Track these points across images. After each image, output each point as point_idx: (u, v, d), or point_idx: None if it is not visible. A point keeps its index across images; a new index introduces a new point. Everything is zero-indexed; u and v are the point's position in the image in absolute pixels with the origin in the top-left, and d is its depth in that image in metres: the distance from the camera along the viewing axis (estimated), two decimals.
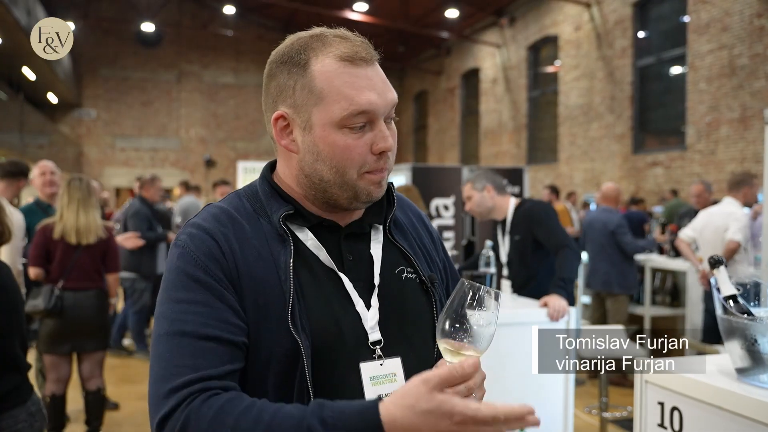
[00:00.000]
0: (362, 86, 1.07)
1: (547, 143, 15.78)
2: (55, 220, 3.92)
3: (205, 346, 0.99)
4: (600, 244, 5.79)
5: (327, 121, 1.07)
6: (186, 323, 1.01)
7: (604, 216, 5.80)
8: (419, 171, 6.86)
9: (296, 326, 1.04)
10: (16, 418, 2.30)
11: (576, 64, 14.27)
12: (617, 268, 5.67)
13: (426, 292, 1.20)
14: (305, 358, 1.03)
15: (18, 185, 4.19)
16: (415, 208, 1.35)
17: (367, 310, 1.13)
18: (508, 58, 17.12)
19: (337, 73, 1.07)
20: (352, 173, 1.09)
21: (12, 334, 2.35)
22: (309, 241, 1.13)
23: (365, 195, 1.11)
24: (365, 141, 1.08)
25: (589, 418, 4.77)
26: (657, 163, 11.89)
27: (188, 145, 22.43)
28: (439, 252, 1.33)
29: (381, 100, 1.08)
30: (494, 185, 3.73)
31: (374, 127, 1.09)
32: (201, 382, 0.96)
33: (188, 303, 1.03)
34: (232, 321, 1.02)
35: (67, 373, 4.03)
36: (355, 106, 1.06)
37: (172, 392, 0.96)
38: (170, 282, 1.06)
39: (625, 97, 12.73)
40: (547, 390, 3.14)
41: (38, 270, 3.91)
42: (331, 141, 1.07)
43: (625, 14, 12.70)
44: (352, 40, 1.10)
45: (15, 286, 2.42)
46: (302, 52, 1.09)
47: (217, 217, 1.12)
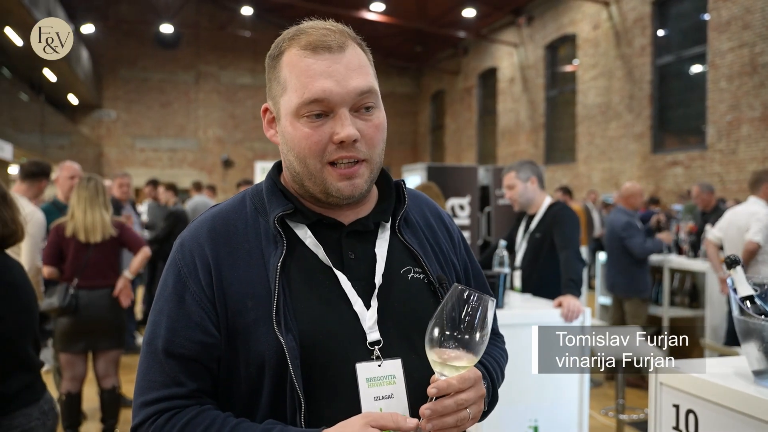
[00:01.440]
0: (316, 74, 1.05)
1: (565, 143, 15.67)
2: (67, 219, 3.95)
3: (171, 364, 1.04)
4: (611, 246, 5.72)
5: (288, 111, 1.08)
6: (157, 337, 1.06)
7: (615, 218, 5.74)
8: (434, 170, 6.83)
9: (281, 327, 1.03)
10: (30, 416, 2.32)
11: (594, 63, 14.15)
12: (625, 271, 5.58)
13: (434, 293, 1.16)
14: (291, 359, 1.01)
15: (39, 186, 4.23)
16: (435, 207, 1.31)
17: (367, 310, 1.10)
18: (525, 57, 17.03)
19: (296, 63, 1.07)
20: (314, 163, 1.07)
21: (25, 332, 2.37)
22: (308, 239, 1.12)
23: (335, 191, 1.08)
24: (324, 130, 1.06)
25: (605, 420, 4.72)
26: (677, 163, 11.75)
27: (206, 146, 22.58)
28: (459, 253, 1.29)
29: (339, 87, 1.04)
30: (538, 178, 3.78)
31: (335, 116, 1.06)
32: (167, 401, 1.03)
33: (163, 315, 1.07)
34: (198, 339, 1.05)
35: (82, 372, 4.06)
36: (309, 94, 1.04)
37: (142, 406, 1.04)
38: (160, 287, 1.12)
39: (644, 96, 12.60)
40: (562, 391, 3.10)
41: (51, 268, 3.95)
42: (292, 130, 1.08)
43: (645, 12, 12.57)
44: (322, 29, 1.08)
45: (28, 285, 2.44)
46: (279, 45, 1.11)
47: (213, 221, 1.13)
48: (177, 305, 1.07)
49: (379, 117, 1.10)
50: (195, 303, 1.06)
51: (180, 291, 1.07)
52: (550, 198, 3.84)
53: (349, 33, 1.10)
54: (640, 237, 5.58)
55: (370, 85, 1.07)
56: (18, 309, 2.32)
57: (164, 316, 1.07)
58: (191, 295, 1.06)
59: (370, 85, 1.07)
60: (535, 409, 3.01)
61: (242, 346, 1.05)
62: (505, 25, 17.97)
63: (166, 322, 1.06)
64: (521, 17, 16.87)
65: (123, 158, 21.97)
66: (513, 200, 3.82)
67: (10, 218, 2.35)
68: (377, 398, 1.06)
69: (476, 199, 6.71)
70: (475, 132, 20.19)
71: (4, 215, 2.32)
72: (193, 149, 22.51)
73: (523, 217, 3.90)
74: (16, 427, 2.26)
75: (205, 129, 22.57)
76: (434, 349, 0.99)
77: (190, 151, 22.50)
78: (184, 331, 1.05)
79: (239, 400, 1.07)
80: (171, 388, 1.03)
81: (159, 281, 1.13)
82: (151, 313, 1.10)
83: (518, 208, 3.88)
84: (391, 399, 1.07)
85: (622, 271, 5.60)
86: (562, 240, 3.51)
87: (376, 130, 1.09)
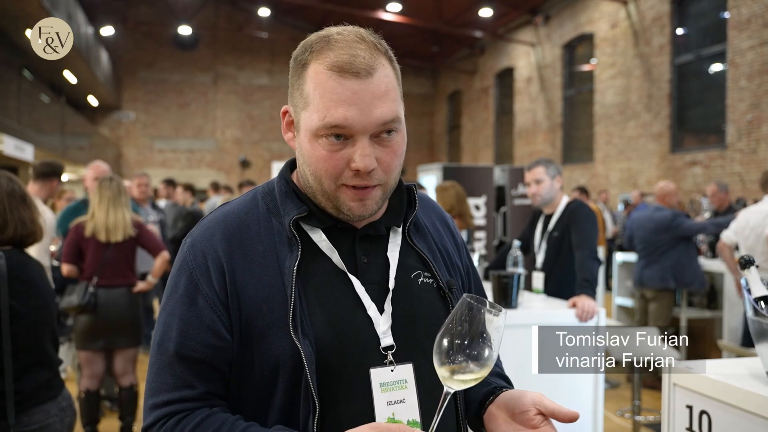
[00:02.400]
0: (341, 100, 1.02)
1: (582, 143, 15.57)
2: (87, 219, 4.01)
3: (182, 366, 1.04)
4: (653, 243, 5.66)
5: (308, 128, 1.06)
6: (168, 340, 1.06)
7: (657, 215, 5.72)
8: (450, 171, 6.83)
9: (297, 331, 1.03)
10: (48, 413, 2.35)
11: (612, 62, 14.05)
12: (678, 264, 5.52)
13: (443, 297, 1.16)
14: (307, 365, 1.01)
15: (51, 186, 4.29)
16: (440, 212, 1.32)
17: (380, 315, 1.10)
18: (542, 56, 16.94)
19: (322, 82, 1.03)
20: (329, 183, 1.06)
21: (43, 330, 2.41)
22: (322, 242, 1.11)
23: (347, 209, 1.08)
24: (343, 155, 1.04)
25: (621, 421, 4.69)
26: (696, 163, 11.63)
27: (224, 146, 22.73)
28: (463, 257, 1.30)
29: (362, 116, 1.02)
30: (562, 178, 3.79)
31: (355, 142, 1.04)
32: (177, 404, 1.03)
33: (174, 317, 1.07)
34: (209, 342, 1.05)
35: (101, 369, 4.11)
36: (330, 119, 1.02)
37: (153, 408, 1.04)
38: (169, 287, 1.10)
39: (662, 95, 12.48)
40: (577, 391, 3.09)
41: (71, 267, 4.02)
42: (310, 148, 1.06)
43: (663, 11, 12.46)
44: (352, 48, 1.04)
45: (46, 283, 2.48)
46: (306, 52, 1.07)
47: (225, 221, 1.12)
48: (188, 307, 1.06)
49: (399, 140, 1.08)
50: (207, 306, 1.05)
51: (192, 293, 1.07)
52: (567, 197, 3.84)
53: (378, 47, 1.06)
54: (689, 220, 5.64)
55: (394, 114, 1.04)
56: (36, 306, 2.36)
57: (176, 318, 1.06)
58: (203, 298, 1.06)
59: (395, 113, 1.05)
60: None
61: (256, 350, 1.05)
62: (521, 25, 17.89)
63: (178, 325, 1.06)
64: (538, 16, 16.79)
65: (142, 159, 22.17)
66: (537, 194, 3.77)
67: (29, 218, 2.39)
68: (390, 403, 1.07)
69: (492, 199, 6.70)
70: (492, 132, 20.12)
71: (23, 215, 2.37)
72: (211, 150, 22.67)
73: (539, 217, 3.89)
74: (34, 423, 2.29)
75: (223, 130, 22.72)
76: (443, 362, 0.97)
77: (208, 152, 22.66)
78: (196, 334, 1.05)
79: (251, 403, 1.07)
80: (182, 391, 1.03)
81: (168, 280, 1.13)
82: (160, 313, 1.10)
83: (538, 203, 3.84)
84: (403, 404, 1.07)
85: (676, 263, 5.54)
86: (578, 239, 3.50)
87: (394, 155, 1.07)
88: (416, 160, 21.18)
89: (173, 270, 1.11)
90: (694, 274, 5.53)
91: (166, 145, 22.43)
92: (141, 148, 22.32)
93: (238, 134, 22.74)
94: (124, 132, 22.33)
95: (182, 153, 22.53)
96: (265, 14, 20.76)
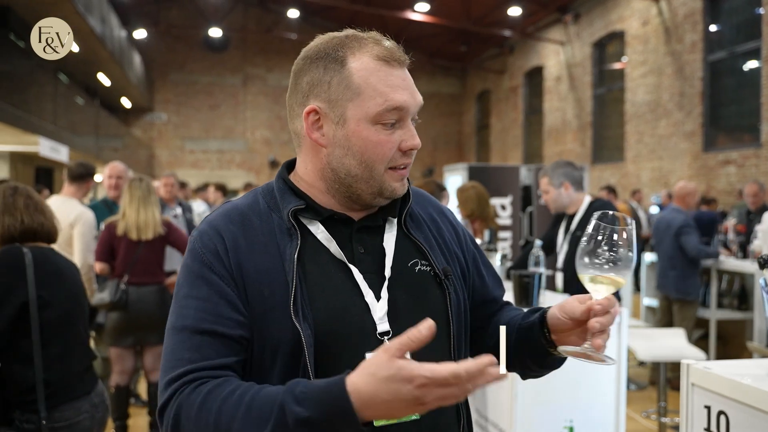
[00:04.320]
0: (397, 85, 1.13)
1: (613, 141, 15.39)
2: (119, 218, 4.11)
3: (201, 340, 1.06)
4: (665, 245, 5.61)
5: (362, 116, 1.12)
6: (186, 318, 1.08)
7: (671, 216, 5.64)
8: (476, 170, 6.82)
9: (298, 315, 1.07)
10: (79, 410, 2.39)
11: (643, 60, 13.86)
12: (676, 271, 5.48)
13: (440, 284, 1.20)
14: (306, 347, 1.06)
15: (86, 186, 4.40)
16: (436, 204, 1.37)
17: (377, 301, 1.14)
18: (572, 55, 16.78)
19: (374, 71, 1.12)
20: (380, 168, 1.14)
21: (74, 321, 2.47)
22: (320, 233, 1.16)
23: (389, 191, 1.16)
24: (395, 138, 1.14)
25: (647, 423, 4.64)
26: (729, 162, 11.41)
27: (254, 147, 22.97)
28: (466, 246, 1.34)
29: (412, 100, 1.14)
30: (572, 182, 3.74)
31: (403, 125, 1.15)
32: (192, 373, 1.03)
33: (191, 298, 1.10)
34: (228, 315, 1.07)
35: (131, 365, 4.21)
36: (390, 102, 1.11)
37: (168, 384, 1.04)
38: (180, 278, 1.15)
39: (695, 93, 12.28)
40: (598, 391, 3.08)
41: (103, 265, 4.12)
42: (365, 136, 1.12)
43: (696, 7, 12.25)
44: (386, 42, 1.16)
45: (75, 276, 2.55)
46: (339, 50, 1.14)
47: (228, 214, 1.18)
48: (205, 287, 1.09)
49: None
50: (223, 282, 1.09)
51: (206, 274, 1.10)
52: (590, 196, 3.81)
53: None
54: (696, 237, 5.49)
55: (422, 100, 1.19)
56: (65, 296, 2.43)
57: (192, 299, 1.09)
58: (218, 276, 1.10)
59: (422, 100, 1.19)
60: (570, 409, 2.99)
61: (257, 333, 1.09)
62: (551, 23, 17.74)
63: (195, 304, 1.09)
64: (568, 15, 16.63)
65: (173, 160, 22.52)
66: (548, 204, 3.84)
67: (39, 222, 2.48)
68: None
69: (518, 199, 6.67)
70: (520, 131, 19.99)
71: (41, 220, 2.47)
72: (241, 150, 22.92)
73: (563, 218, 3.88)
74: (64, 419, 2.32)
75: (253, 130, 22.95)
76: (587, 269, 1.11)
77: (238, 152, 22.92)
78: (215, 308, 1.08)
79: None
80: (198, 363, 1.04)
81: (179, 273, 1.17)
82: (173, 302, 1.13)
83: (554, 211, 3.89)
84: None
85: (673, 270, 5.49)
86: None
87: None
88: (444, 160, 21.13)
89: (184, 261, 1.16)
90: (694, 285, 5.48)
91: (197, 146, 22.74)
92: (173, 149, 22.67)
93: (267, 135, 22.96)
94: (156, 133, 22.71)
95: (213, 154, 22.82)
96: (294, 16, 20.92)
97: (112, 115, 19.72)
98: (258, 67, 22.79)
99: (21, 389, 2.27)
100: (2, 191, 2.44)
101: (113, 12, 16.73)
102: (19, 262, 2.30)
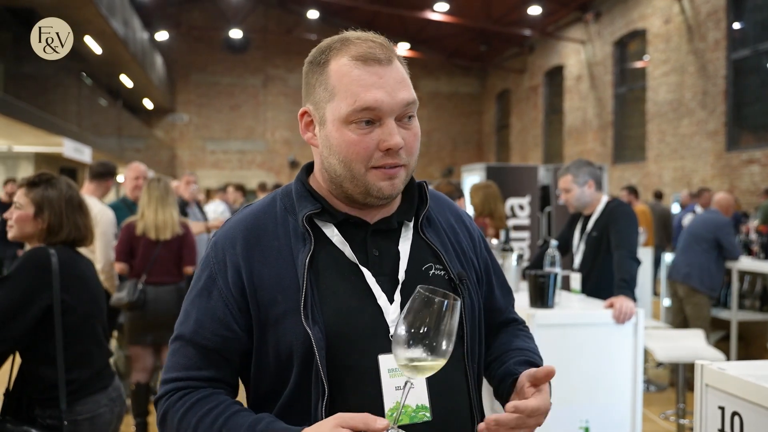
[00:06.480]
0: (370, 84, 1.10)
1: (634, 141, 15.24)
2: (137, 218, 4.17)
3: (195, 351, 1.16)
4: (695, 236, 5.55)
5: (336, 117, 1.12)
6: (186, 327, 1.18)
7: (714, 216, 5.62)
8: (494, 170, 6.79)
9: (308, 319, 1.09)
10: (98, 403, 2.46)
11: (665, 59, 13.71)
12: (705, 268, 5.43)
13: (454, 289, 1.21)
14: (317, 350, 1.08)
15: (107, 185, 4.47)
16: (455, 209, 1.37)
17: (390, 304, 1.15)
18: (593, 54, 16.65)
19: (348, 72, 1.12)
20: (359, 167, 1.13)
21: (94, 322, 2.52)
22: (335, 237, 1.18)
23: (376, 190, 1.14)
24: (372, 137, 1.11)
25: (665, 424, 4.60)
26: (753, 161, 11.25)
27: (274, 147, 23.11)
28: (480, 252, 1.34)
29: (389, 98, 1.10)
30: (595, 180, 3.74)
31: (383, 124, 1.12)
32: (184, 381, 1.15)
33: (195, 307, 1.18)
34: (222, 334, 1.15)
35: (151, 363, 4.27)
36: (360, 103, 1.10)
37: (165, 382, 1.16)
38: (194, 280, 1.22)
39: (718, 91, 12.12)
40: (615, 392, 3.06)
41: (122, 265, 4.18)
42: (339, 136, 1.12)
43: (719, 5, 12.09)
44: (370, 42, 1.14)
45: (96, 279, 2.61)
46: (325, 53, 1.16)
47: (244, 221, 1.21)
48: (206, 300, 1.16)
49: (417, 126, 1.17)
50: (221, 300, 1.15)
51: (210, 287, 1.17)
52: (607, 196, 3.80)
53: (392, 48, 1.16)
54: (735, 239, 5.54)
55: (414, 97, 1.14)
56: (87, 300, 2.48)
57: (194, 308, 1.17)
58: (218, 292, 1.16)
59: (414, 97, 1.15)
60: (586, 410, 2.98)
61: (272, 337, 1.12)
62: (571, 22, 17.62)
63: (196, 314, 1.17)
64: (588, 13, 16.50)
65: (195, 160, 22.74)
66: (568, 203, 3.81)
67: (83, 224, 2.53)
68: (398, 388, 1.11)
69: (536, 199, 6.64)
70: (541, 131, 19.88)
71: (78, 221, 2.51)
72: (261, 151, 23.07)
73: (579, 218, 3.86)
74: (86, 412, 2.40)
75: (273, 131, 23.09)
76: (400, 350, 0.99)
77: (258, 153, 23.07)
78: (210, 324, 1.15)
79: (267, 387, 1.15)
80: (190, 371, 1.15)
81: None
82: (184, 301, 1.21)
83: (573, 210, 3.88)
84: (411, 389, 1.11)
85: (701, 266, 5.46)
86: (616, 238, 3.46)
87: (415, 138, 1.16)
88: (464, 160, 21.09)
89: (198, 264, 1.22)
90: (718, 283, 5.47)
91: (218, 147, 22.94)
92: (194, 150, 22.89)
93: (287, 135, 23.08)
94: (178, 134, 22.94)
95: (233, 154, 22.99)
96: (314, 16, 21.01)
97: (135, 116, 19.96)
98: (278, 68, 22.92)
99: (43, 387, 2.33)
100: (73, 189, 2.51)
101: (135, 14, 16.93)
102: (46, 265, 2.35)
